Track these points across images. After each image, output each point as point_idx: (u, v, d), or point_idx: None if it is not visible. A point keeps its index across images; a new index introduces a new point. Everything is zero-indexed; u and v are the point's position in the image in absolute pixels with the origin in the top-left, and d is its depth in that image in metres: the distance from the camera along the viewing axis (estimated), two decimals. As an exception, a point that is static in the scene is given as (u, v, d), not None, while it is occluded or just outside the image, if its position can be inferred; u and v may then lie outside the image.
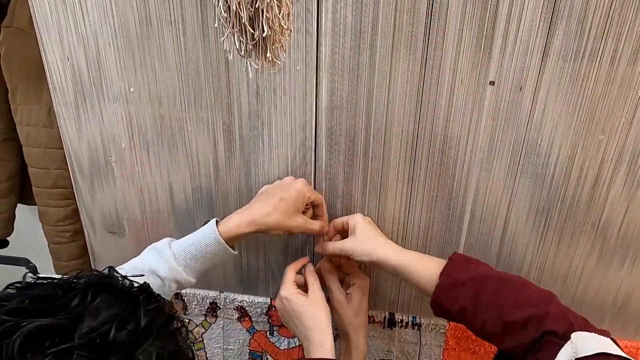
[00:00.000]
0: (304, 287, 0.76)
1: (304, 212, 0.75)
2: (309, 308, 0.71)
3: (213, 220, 0.70)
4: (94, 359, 0.39)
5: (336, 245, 0.75)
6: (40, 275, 0.46)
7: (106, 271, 0.49)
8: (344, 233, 0.77)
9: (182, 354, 0.46)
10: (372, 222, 0.77)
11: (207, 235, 0.68)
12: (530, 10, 0.62)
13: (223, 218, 0.71)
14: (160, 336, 0.43)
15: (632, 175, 0.70)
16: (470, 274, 0.64)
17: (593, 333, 0.56)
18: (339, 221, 0.78)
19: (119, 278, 0.48)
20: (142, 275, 0.58)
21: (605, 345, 0.54)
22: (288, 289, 0.73)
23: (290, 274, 0.75)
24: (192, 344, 0.48)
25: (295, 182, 0.74)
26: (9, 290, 0.44)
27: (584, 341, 0.54)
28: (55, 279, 0.46)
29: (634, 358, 0.54)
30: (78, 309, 0.42)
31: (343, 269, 0.80)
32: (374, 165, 0.75)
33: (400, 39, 0.66)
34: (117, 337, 0.41)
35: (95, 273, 0.47)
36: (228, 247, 0.69)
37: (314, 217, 0.77)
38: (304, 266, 0.78)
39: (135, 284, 0.48)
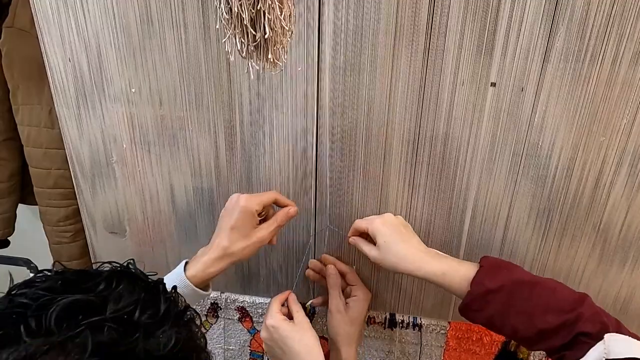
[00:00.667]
0: (288, 317, 0.75)
1: (265, 218, 0.73)
2: (295, 334, 0.71)
3: (182, 264, 0.69)
4: (122, 332, 0.41)
5: (365, 249, 0.73)
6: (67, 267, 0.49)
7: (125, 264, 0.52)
8: (367, 236, 0.75)
9: (196, 342, 0.49)
10: (392, 224, 0.73)
11: (175, 279, 0.68)
12: (532, 13, 0.62)
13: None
14: (176, 323, 0.46)
15: (633, 177, 0.70)
16: (501, 282, 0.63)
17: (626, 335, 0.55)
18: (361, 226, 0.75)
19: (138, 271, 0.51)
20: (156, 273, 0.59)
21: (637, 349, 0.53)
22: (274, 317, 0.73)
23: (275, 305, 0.75)
24: (204, 333, 0.51)
25: (237, 202, 0.71)
26: (39, 275, 0.47)
27: (616, 343, 0.54)
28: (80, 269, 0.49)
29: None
30: (104, 293, 0.45)
31: (346, 280, 0.80)
32: (375, 169, 0.75)
33: (401, 41, 0.66)
34: (139, 320, 0.43)
35: (118, 264, 0.50)
36: (198, 289, 0.68)
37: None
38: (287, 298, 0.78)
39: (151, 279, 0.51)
